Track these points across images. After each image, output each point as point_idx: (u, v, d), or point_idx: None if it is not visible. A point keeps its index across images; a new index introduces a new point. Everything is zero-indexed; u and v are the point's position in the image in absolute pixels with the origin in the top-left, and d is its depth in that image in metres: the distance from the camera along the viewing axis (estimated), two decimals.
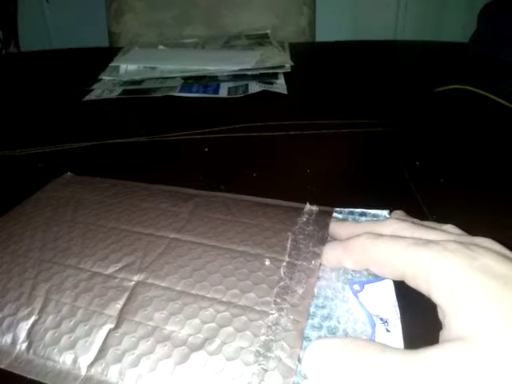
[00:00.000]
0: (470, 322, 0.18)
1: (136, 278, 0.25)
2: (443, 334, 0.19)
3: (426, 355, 0.17)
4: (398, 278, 0.22)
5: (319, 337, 0.22)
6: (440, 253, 0.20)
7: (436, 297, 0.20)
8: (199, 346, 0.21)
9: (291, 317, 0.22)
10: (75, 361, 0.22)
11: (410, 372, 0.17)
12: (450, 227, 0.24)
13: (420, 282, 0.21)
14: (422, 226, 0.24)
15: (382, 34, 1.52)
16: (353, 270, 0.26)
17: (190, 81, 0.67)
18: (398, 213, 0.29)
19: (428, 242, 0.21)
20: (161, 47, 0.84)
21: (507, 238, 0.31)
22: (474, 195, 0.37)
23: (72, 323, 0.23)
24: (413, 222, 0.24)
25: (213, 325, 0.22)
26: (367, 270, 0.25)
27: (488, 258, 0.19)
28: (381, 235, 0.23)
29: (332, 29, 1.19)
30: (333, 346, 0.20)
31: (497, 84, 0.52)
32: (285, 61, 0.72)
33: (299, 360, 0.21)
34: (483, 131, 0.48)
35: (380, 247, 0.22)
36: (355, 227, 0.26)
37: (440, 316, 0.20)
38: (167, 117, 0.57)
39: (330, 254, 0.25)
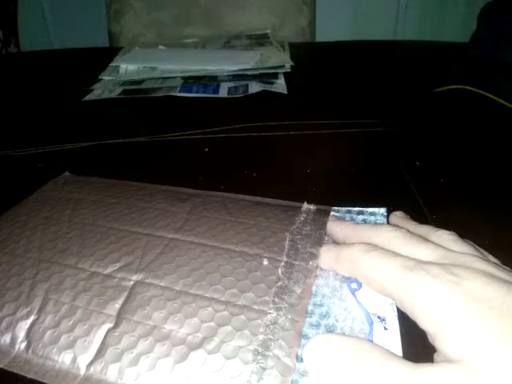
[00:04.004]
0: (460, 346, 0.18)
1: (135, 277, 0.25)
2: (438, 357, 0.20)
3: (426, 372, 0.18)
4: (386, 296, 0.23)
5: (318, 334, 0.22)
6: (424, 279, 0.20)
7: (421, 322, 0.20)
8: (198, 345, 0.21)
9: (289, 316, 0.22)
10: (74, 360, 0.22)
11: None
12: (444, 233, 0.25)
13: (406, 306, 0.21)
14: (415, 236, 0.24)
15: (382, 34, 1.52)
16: None
17: (190, 81, 0.67)
18: (398, 214, 0.29)
19: (415, 264, 0.21)
20: (161, 47, 0.84)
21: (506, 239, 0.31)
22: (474, 195, 0.37)
23: (71, 323, 0.23)
24: (407, 231, 0.25)
25: (211, 324, 0.22)
26: None
27: (472, 282, 0.20)
28: (372, 248, 0.23)
29: (332, 29, 1.19)
30: (336, 343, 0.20)
31: (497, 84, 0.52)
32: (285, 61, 0.72)
33: (297, 358, 0.21)
34: (483, 131, 0.48)
35: (369, 264, 0.23)
36: (351, 230, 0.27)
37: (430, 340, 0.20)
38: (167, 117, 0.57)
39: (325, 258, 0.26)
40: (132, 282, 0.25)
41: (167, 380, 0.20)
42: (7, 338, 0.23)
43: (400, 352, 0.21)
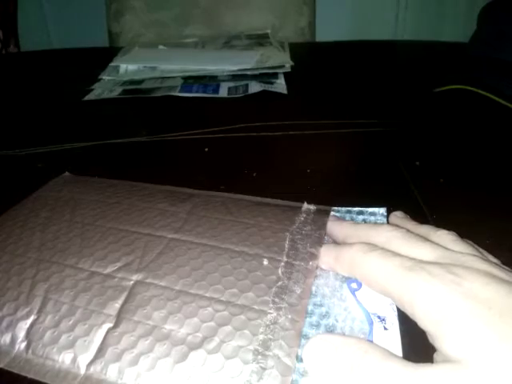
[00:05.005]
0: (459, 346, 0.18)
1: (135, 277, 0.25)
2: (437, 357, 0.20)
3: (426, 373, 0.18)
4: (385, 296, 0.23)
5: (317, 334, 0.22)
6: (424, 279, 0.20)
7: (421, 322, 0.20)
8: (198, 345, 0.21)
9: (289, 316, 0.22)
10: (74, 360, 0.22)
11: None
12: (443, 233, 0.25)
13: (406, 306, 0.21)
14: (415, 236, 0.24)
15: (382, 33, 1.52)
16: None
17: (190, 81, 0.67)
18: (397, 214, 0.29)
19: (415, 264, 0.21)
20: (161, 47, 0.84)
21: (506, 239, 0.31)
22: (474, 195, 0.37)
23: (71, 322, 0.23)
24: (407, 231, 0.25)
25: (211, 324, 0.22)
26: None
27: (473, 282, 0.20)
28: (372, 248, 0.23)
29: (332, 29, 1.18)
30: (336, 343, 0.20)
31: (497, 84, 0.52)
32: (285, 61, 0.72)
33: (297, 358, 0.21)
34: (483, 131, 0.48)
35: (369, 264, 0.23)
36: (351, 230, 0.27)
37: (430, 339, 0.20)
38: (167, 117, 0.57)
39: (325, 258, 0.26)
40: (132, 282, 0.25)
41: (167, 380, 0.20)
42: (7, 338, 0.23)
43: (400, 352, 0.21)
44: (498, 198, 0.36)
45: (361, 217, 0.31)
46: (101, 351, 0.22)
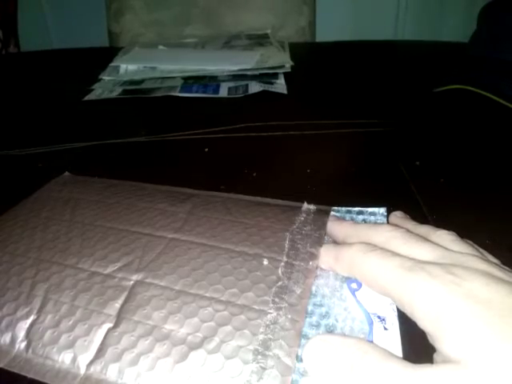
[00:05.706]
0: (459, 346, 0.18)
1: (135, 277, 0.25)
2: (437, 357, 0.20)
3: (425, 373, 0.18)
4: (385, 296, 0.23)
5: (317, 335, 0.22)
6: (424, 279, 0.20)
7: (420, 322, 0.20)
8: (198, 345, 0.21)
9: (289, 316, 0.22)
10: (74, 360, 0.22)
11: None
12: (443, 233, 0.25)
13: (405, 306, 0.21)
14: (415, 236, 0.24)
15: (382, 34, 1.52)
16: None
17: (189, 81, 0.67)
18: (397, 214, 0.29)
19: (414, 264, 0.21)
20: (161, 47, 0.84)
21: (506, 239, 0.31)
22: (474, 195, 0.37)
23: (71, 322, 0.23)
24: (407, 230, 0.25)
25: (212, 324, 0.22)
26: None
27: (472, 282, 0.20)
28: (371, 248, 0.23)
29: (332, 29, 1.19)
30: (336, 343, 0.20)
31: (497, 84, 0.52)
32: (285, 61, 0.72)
33: (297, 358, 0.21)
34: (483, 131, 0.48)
35: (368, 265, 0.23)
36: (351, 229, 0.27)
37: (430, 340, 0.20)
38: (167, 117, 0.57)
39: (324, 258, 0.26)
40: (132, 282, 0.25)
41: (167, 380, 0.20)
42: (7, 338, 0.23)
43: (400, 352, 0.21)
44: (497, 198, 0.36)
45: (361, 217, 0.31)
46: (101, 351, 0.22)
